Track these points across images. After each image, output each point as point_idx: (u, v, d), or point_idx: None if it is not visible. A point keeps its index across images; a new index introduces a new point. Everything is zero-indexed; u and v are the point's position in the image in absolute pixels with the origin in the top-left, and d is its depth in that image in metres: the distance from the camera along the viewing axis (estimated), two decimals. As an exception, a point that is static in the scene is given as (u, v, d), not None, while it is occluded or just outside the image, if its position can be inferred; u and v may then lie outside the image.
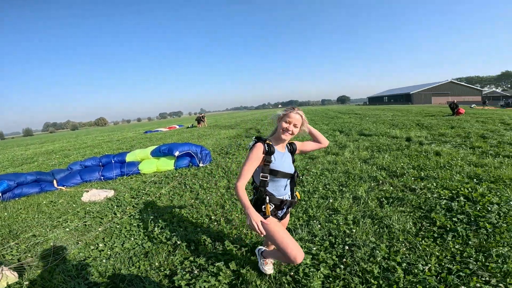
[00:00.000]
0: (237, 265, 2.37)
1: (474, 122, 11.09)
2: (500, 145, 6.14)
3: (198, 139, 12.73)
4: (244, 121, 24.95)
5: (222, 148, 9.11)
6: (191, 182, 5.22)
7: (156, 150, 6.98)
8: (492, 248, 2.25)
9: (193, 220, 3.46)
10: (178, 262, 2.55)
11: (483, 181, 3.77)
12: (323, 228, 2.90)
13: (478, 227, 2.60)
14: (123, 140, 17.15)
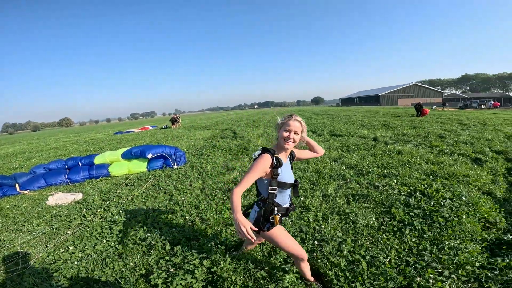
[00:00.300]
0: (212, 263, 2.42)
1: (434, 122, 11.98)
2: (456, 144, 6.72)
3: (173, 140, 12.49)
4: (220, 122, 24.83)
5: (197, 149, 9.03)
6: (165, 184, 5.16)
7: (127, 153, 6.78)
8: (444, 241, 2.48)
9: (168, 221, 3.45)
10: (153, 262, 2.56)
11: (439, 178, 4.14)
12: (294, 225, 3.04)
13: (432, 221, 2.85)
14: (91, 141, 16.33)
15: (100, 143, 14.44)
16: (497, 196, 3.50)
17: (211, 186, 4.78)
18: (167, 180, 5.42)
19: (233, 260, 2.42)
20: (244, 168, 5.83)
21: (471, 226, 2.68)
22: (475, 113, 19.15)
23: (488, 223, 2.83)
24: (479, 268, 2.11)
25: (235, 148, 8.35)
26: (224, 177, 5.26)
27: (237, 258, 2.44)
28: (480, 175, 4.20)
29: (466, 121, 11.81)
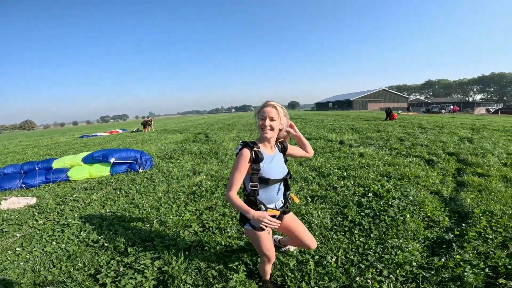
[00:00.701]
0: (164, 263, 2.45)
1: (397, 126, 12.67)
2: (413, 146, 7.15)
3: (142, 144, 12.12)
4: (194, 125, 24.47)
5: (166, 153, 8.84)
6: (127, 188, 5.05)
7: (88, 157, 6.48)
8: (388, 240, 2.60)
9: (125, 223, 3.44)
10: (104, 262, 2.58)
11: (392, 178, 4.37)
12: None
13: (380, 220, 2.99)
14: (53, 145, 15.40)
15: (62, 147, 13.66)
16: (444, 195, 3.74)
17: (175, 189, 4.74)
18: (130, 184, 5.29)
19: (186, 260, 2.47)
20: (211, 172, 5.80)
21: (415, 225, 2.84)
22: (436, 117, 20.51)
23: (431, 222, 3.00)
24: (417, 268, 2.21)
25: (205, 152, 8.29)
26: (190, 180, 5.22)
27: (190, 258, 2.48)
28: (430, 176, 4.49)
29: (426, 125, 12.61)
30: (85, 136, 21.46)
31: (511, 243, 2.47)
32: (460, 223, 2.93)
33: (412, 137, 8.88)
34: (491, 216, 2.98)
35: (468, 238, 2.55)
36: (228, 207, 3.71)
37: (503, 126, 11.57)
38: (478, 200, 3.43)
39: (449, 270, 2.14)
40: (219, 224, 3.22)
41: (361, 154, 6.33)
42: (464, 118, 18.90)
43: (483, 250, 2.38)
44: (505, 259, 2.21)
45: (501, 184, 4.00)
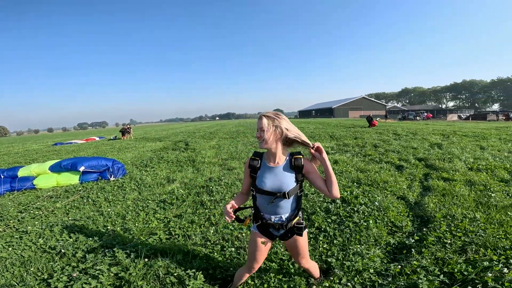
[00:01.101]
0: (122, 269, 2.40)
1: (374, 133, 13.03)
2: (386, 152, 7.35)
3: (118, 152, 11.76)
4: (175, 133, 24.05)
5: (142, 161, 8.60)
6: (95, 196, 4.94)
7: (56, 165, 6.21)
8: (350, 247, 2.61)
9: (87, 231, 3.39)
10: (58, 268, 2.55)
11: (362, 185, 4.45)
12: (217, 233, 3.06)
13: (345, 226, 3.01)
14: (24, 153, 14.68)
15: (34, 155, 13.07)
16: (409, 200, 3.84)
17: (146, 197, 4.65)
18: (99, 192, 5.15)
19: (145, 266, 2.43)
20: (185, 180, 5.69)
21: (378, 230, 2.88)
22: (410, 124, 21.32)
23: (395, 227, 3.05)
24: (375, 275, 2.21)
25: (183, 160, 8.15)
26: (163, 189, 5.11)
27: (150, 265, 2.44)
28: (398, 181, 4.61)
29: (400, 132, 13.05)
30: (58, 143, 20.60)
31: (470, 248, 2.53)
32: (422, 227, 3.01)
33: (386, 143, 9.14)
34: (452, 220, 3.08)
35: (427, 243, 2.61)
36: (197, 215, 3.64)
37: (473, 132, 12.17)
38: (440, 205, 3.54)
39: (404, 277, 2.16)
40: (186, 232, 3.18)
41: (335, 161, 6.43)
42: (436, 125, 19.77)
43: (440, 256, 2.42)
44: (461, 265, 2.23)
45: (464, 188, 4.16)
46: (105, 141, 20.36)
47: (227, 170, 6.40)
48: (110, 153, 11.71)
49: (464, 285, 2.06)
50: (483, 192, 3.94)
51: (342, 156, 7.17)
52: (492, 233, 2.72)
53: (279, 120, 1.67)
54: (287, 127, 1.67)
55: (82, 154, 11.89)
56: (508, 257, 2.33)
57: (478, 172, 5.03)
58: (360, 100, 68.28)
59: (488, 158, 6.19)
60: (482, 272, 2.15)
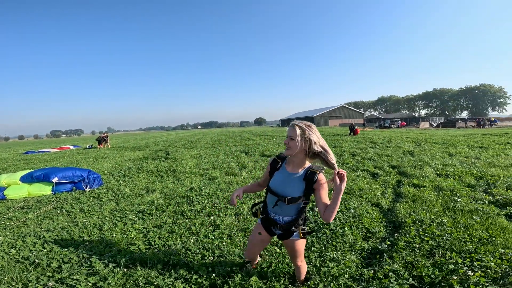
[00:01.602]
0: (100, 279, 2.41)
1: (352, 141, 13.48)
2: (363, 161, 7.63)
3: (94, 162, 11.35)
4: (156, 142, 23.56)
5: (120, 171, 8.37)
6: (69, 207, 4.79)
7: (27, 176, 5.94)
8: (326, 253, 2.70)
9: (62, 242, 3.33)
10: (33, 278, 2.52)
11: (339, 193, 4.61)
12: (197, 243, 3.07)
13: (322, 233, 3.12)
14: (-9, 163, 13.80)
15: (3, 164, 12.37)
16: (383, 206, 4.02)
17: (124, 208, 4.55)
18: (73, 203, 5.00)
19: (124, 276, 2.43)
20: (165, 190, 5.62)
21: (353, 237, 3.00)
22: (386, 132, 22.26)
23: (369, 233, 3.19)
24: (350, 280, 2.31)
25: (163, 170, 8.02)
26: (142, 199, 5.02)
27: (129, 275, 2.45)
28: (373, 188, 4.82)
29: (376, 140, 13.59)
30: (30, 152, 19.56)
31: (437, 251, 2.70)
32: (394, 233, 3.16)
33: (363, 151, 9.49)
34: (421, 225, 3.26)
35: (398, 248, 2.75)
36: (177, 225, 3.62)
37: (442, 139, 12.89)
38: (411, 210, 3.74)
39: (377, 281, 2.27)
40: (165, 242, 3.15)
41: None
42: (410, 133, 20.76)
43: (410, 260, 2.56)
44: (429, 268, 2.37)
45: (433, 194, 4.42)
46: (80, 150, 19.57)
47: (208, 180, 6.38)
48: (86, 162, 11.29)
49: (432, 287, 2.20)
50: (450, 197, 4.20)
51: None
52: (457, 237, 2.91)
53: (310, 132, 1.75)
54: (315, 141, 1.76)
55: (55, 164, 11.39)
56: (473, 260, 2.50)
57: (446, 178, 5.36)
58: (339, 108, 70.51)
59: (456, 164, 6.60)
60: (448, 275, 2.30)
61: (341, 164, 7.33)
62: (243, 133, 33.01)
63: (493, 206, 3.82)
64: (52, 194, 5.77)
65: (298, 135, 1.74)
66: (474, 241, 2.85)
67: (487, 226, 3.18)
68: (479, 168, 6.07)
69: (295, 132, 1.75)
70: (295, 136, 1.74)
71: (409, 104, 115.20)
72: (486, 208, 3.68)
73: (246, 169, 7.35)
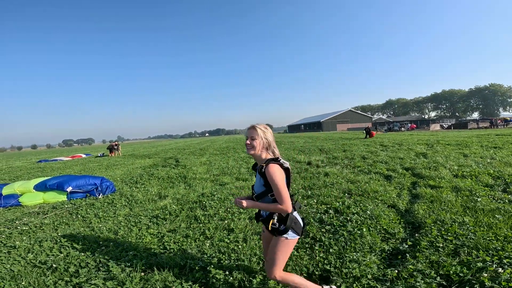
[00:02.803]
0: (118, 283, 2.39)
1: (361, 145, 13.33)
2: (374, 163, 7.52)
3: (106, 169, 11.53)
4: (165, 150, 23.84)
5: (131, 178, 8.47)
6: (85, 212, 4.87)
7: (41, 185, 6.04)
8: (346, 254, 2.64)
9: (78, 246, 3.32)
10: (51, 282, 2.50)
11: (353, 195, 4.53)
12: (213, 247, 3.04)
13: (339, 235, 3.05)
14: (7, 170, 14.22)
15: (17, 172, 12.68)
16: (400, 208, 3.93)
17: (138, 213, 4.58)
18: (88, 209, 5.07)
19: (141, 280, 2.43)
20: (177, 196, 5.64)
21: (371, 238, 2.93)
22: (396, 135, 21.96)
23: (388, 234, 3.11)
24: (373, 280, 2.25)
25: (174, 176, 8.07)
26: (155, 204, 5.05)
27: (146, 279, 2.45)
28: (388, 190, 4.72)
29: (386, 143, 13.40)
30: (43, 160, 20.05)
31: (462, 250, 2.60)
32: (414, 233, 3.08)
33: (374, 155, 9.36)
34: (442, 225, 3.17)
35: (420, 248, 2.67)
36: (192, 229, 3.61)
37: (455, 140, 12.64)
38: (430, 211, 3.64)
39: (402, 281, 2.20)
40: (180, 246, 3.14)
41: (326, 174, 6.53)
42: (420, 135, 20.43)
43: (435, 259, 2.48)
44: (456, 266, 2.29)
45: (451, 194, 4.30)
46: (92, 158, 19.95)
47: (219, 185, 6.38)
48: (98, 170, 11.47)
49: (461, 285, 2.13)
50: (469, 197, 4.08)
51: (332, 168, 7.29)
52: (482, 236, 2.81)
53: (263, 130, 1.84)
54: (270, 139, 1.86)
55: (68, 171, 11.61)
56: (501, 257, 2.41)
57: (463, 179, 5.22)
58: (347, 113, 70.00)
59: (472, 165, 6.44)
60: (478, 273, 2.22)
61: (352, 168, 7.24)
62: (251, 139, 33.06)
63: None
64: (67, 201, 5.86)
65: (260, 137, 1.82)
66: (499, 239, 2.75)
67: (510, 224, 3.07)
68: (496, 168, 5.90)
69: (254, 132, 1.83)
70: (256, 135, 1.82)
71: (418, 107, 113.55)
72: (508, 207, 3.56)
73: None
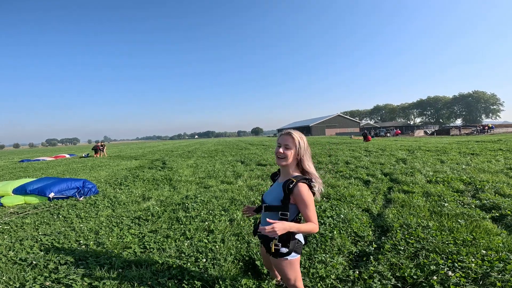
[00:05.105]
0: (96, 279, 2.48)
1: (347, 150, 13.66)
2: (356, 168, 7.78)
3: (90, 170, 11.41)
4: (152, 152, 23.60)
5: (116, 180, 8.44)
6: (66, 212, 4.91)
7: (20, 189, 5.95)
8: (315, 256, 2.79)
9: (58, 245, 3.41)
10: (31, 278, 2.59)
11: (331, 199, 4.73)
12: (192, 246, 3.16)
13: (312, 237, 3.20)
14: (-14, 171, 13.77)
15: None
16: (373, 212, 4.15)
17: (120, 214, 4.66)
18: (70, 209, 5.11)
19: (119, 276, 2.52)
20: (161, 197, 5.71)
21: (341, 240, 3.11)
22: (381, 141, 22.54)
23: (357, 237, 3.30)
24: (337, 281, 2.41)
25: (159, 178, 8.10)
26: (138, 206, 5.11)
27: (124, 275, 2.54)
28: (364, 195, 4.94)
29: (371, 148, 13.79)
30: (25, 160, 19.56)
31: (422, 254, 2.81)
32: (381, 236, 3.28)
33: (357, 160, 9.65)
34: (407, 228, 3.38)
35: (383, 250, 2.87)
36: (173, 230, 3.71)
37: (435, 147, 13.13)
38: (399, 215, 3.86)
39: (361, 282, 2.38)
40: (160, 246, 3.25)
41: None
42: (404, 141, 21.06)
43: (395, 261, 2.66)
44: (412, 269, 2.48)
45: (421, 199, 4.55)
46: (76, 159, 19.58)
47: (204, 188, 6.48)
48: (82, 171, 11.34)
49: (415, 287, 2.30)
50: (437, 202, 4.34)
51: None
52: (441, 239, 3.03)
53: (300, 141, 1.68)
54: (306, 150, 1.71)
55: (51, 172, 11.42)
56: (455, 261, 2.60)
57: (435, 184, 5.51)
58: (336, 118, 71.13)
59: (447, 171, 6.77)
60: (429, 276, 2.41)
61: (335, 172, 7.47)
62: (240, 142, 33.14)
63: (479, 210, 3.96)
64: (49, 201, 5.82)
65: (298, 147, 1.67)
66: (457, 243, 2.95)
67: (471, 229, 3.29)
68: (469, 174, 6.23)
69: (292, 141, 1.67)
70: (292, 145, 1.67)
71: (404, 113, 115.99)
72: (472, 212, 3.81)
73: (241, 178, 7.45)
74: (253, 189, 5.94)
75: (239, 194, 5.50)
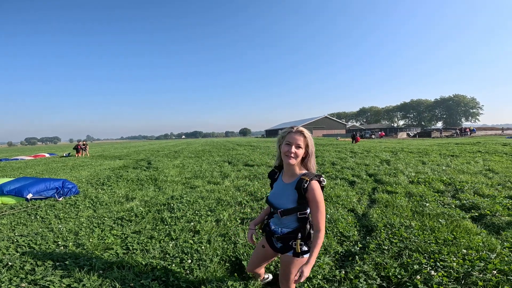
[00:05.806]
0: (75, 281, 2.42)
1: (333, 151, 13.86)
2: (342, 169, 7.88)
3: (71, 170, 11.02)
4: (137, 151, 23.08)
5: (98, 180, 8.19)
6: (44, 213, 4.73)
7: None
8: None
9: (36, 246, 3.28)
10: (6, 279, 2.50)
11: (317, 199, 4.76)
12: (177, 247, 3.09)
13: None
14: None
15: (-27, 173, 11.68)
16: (358, 212, 4.20)
17: (102, 214, 4.52)
18: (48, 210, 4.92)
19: (100, 277, 2.45)
20: (146, 198, 5.57)
21: (327, 240, 3.13)
22: (366, 142, 23.06)
23: (343, 237, 3.32)
24: (323, 280, 2.42)
25: (144, 179, 7.92)
26: (121, 206, 4.98)
27: (105, 277, 2.47)
28: (349, 195, 5.01)
29: (356, 150, 14.04)
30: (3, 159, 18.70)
31: (405, 253, 2.85)
32: (366, 236, 3.32)
33: (343, 161, 9.79)
34: (391, 228, 3.44)
35: (368, 250, 2.90)
36: (157, 231, 3.62)
37: (418, 149, 13.53)
38: (383, 215, 3.93)
39: (348, 282, 2.40)
40: (144, 247, 3.16)
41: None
42: (388, 143, 21.59)
43: (380, 261, 2.70)
44: (396, 268, 2.52)
45: (404, 199, 4.66)
46: (56, 158, 18.90)
47: (190, 188, 6.38)
48: (62, 171, 10.94)
49: (400, 286, 2.33)
50: (419, 202, 4.45)
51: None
52: (423, 239, 3.10)
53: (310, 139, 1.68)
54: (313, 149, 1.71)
55: (29, 171, 10.97)
56: (437, 260, 2.66)
57: (417, 185, 5.66)
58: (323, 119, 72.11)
59: (428, 172, 6.97)
60: (413, 275, 2.45)
61: (321, 173, 7.53)
62: (228, 143, 33.01)
63: (459, 209, 4.09)
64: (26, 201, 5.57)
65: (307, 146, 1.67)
66: (439, 242, 3.03)
67: (452, 228, 3.39)
68: (449, 175, 6.44)
69: (302, 140, 1.64)
70: (304, 144, 1.65)
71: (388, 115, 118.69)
72: (452, 212, 3.93)
73: (228, 178, 7.40)
74: (240, 190, 5.90)
75: (226, 195, 5.45)
